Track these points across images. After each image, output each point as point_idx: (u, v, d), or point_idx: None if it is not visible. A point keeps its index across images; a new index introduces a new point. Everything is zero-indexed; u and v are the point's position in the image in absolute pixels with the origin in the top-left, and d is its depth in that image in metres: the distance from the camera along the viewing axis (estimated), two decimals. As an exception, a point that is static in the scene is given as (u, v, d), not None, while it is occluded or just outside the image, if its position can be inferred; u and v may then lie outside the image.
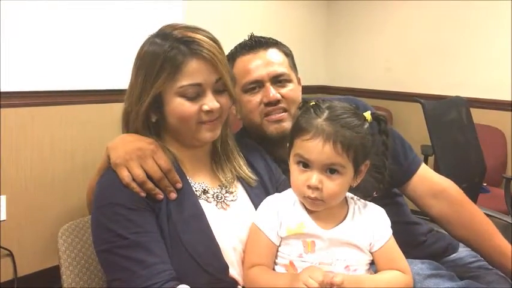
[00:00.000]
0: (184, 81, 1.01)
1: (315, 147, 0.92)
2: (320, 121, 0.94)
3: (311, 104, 1.00)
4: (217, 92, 1.05)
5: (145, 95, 1.02)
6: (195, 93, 1.02)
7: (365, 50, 3.91)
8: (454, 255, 1.41)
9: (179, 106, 1.02)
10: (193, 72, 1.01)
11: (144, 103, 1.02)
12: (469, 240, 1.29)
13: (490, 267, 1.34)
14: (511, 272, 1.24)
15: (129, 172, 0.98)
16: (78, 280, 1.09)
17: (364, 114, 0.99)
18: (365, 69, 3.93)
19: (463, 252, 1.41)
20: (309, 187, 0.94)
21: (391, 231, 1.02)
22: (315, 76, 4.06)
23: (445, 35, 3.41)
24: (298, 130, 0.97)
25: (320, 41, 4.09)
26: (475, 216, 1.30)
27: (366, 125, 0.98)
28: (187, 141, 1.08)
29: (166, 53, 1.00)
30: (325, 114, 0.95)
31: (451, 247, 1.41)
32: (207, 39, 1.03)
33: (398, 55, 3.71)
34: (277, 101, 1.28)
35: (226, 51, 1.25)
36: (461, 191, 1.34)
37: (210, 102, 1.02)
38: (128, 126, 1.07)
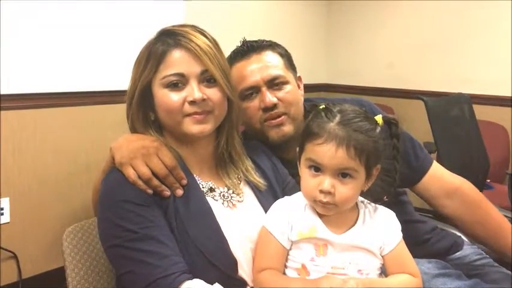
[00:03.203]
0: (166, 71, 1.02)
1: (327, 151, 0.92)
2: (332, 125, 0.93)
3: (321, 107, 0.99)
4: (206, 85, 1.04)
5: (136, 88, 1.05)
6: (179, 84, 1.02)
7: (367, 48, 3.90)
8: (458, 253, 1.41)
9: (164, 97, 1.03)
10: (176, 62, 1.02)
11: (135, 96, 1.05)
12: (484, 238, 1.28)
13: (495, 264, 1.34)
14: None
15: (135, 170, 0.98)
16: (84, 282, 1.09)
17: (376, 118, 0.99)
18: (367, 67, 3.91)
19: (467, 249, 1.40)
20: (321, 191, 0.93)
21: (401, 234, 1.02)
22: (317, 74, 4.05)
23: (447, 32, 3.40)
24: (309, 134, 0.96)
25: (322, 39, 4.08)
26: (490, 214, 1.29)
27: (378, 129, 0.97)
28: (182, 138, 1.07)
29: (152, 46, 1.04)
30: (337, 118, 0.94)
31: (455, 245, 1.41)
32: (194, 32, 1.04)
33: (400, 52, 3.69)
34: (274, 105, 1.25)
35: (227, 51, 1.26)
36: (475, 189, 1.33)
37: (194, 92, 1.02)
38: (134, 127, 1.08)
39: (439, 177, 1.34)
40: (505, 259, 1.28)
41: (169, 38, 1.04)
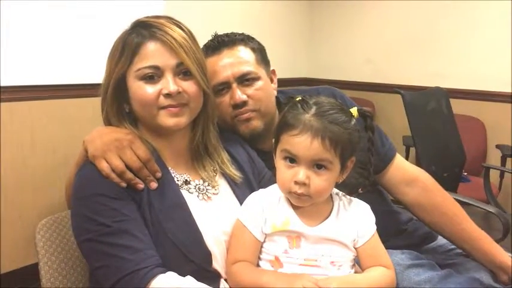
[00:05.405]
0: (141, 64, 1.01)
1: (302, 142, 0.92)
2: (308, 117, 0.93)
3: (298, 99, 0.99)
4: (181, 78, 1.04)
5: (110, 80, 1.03)
6: (154, 76, 1.01)
7: (347, 43, 3.92)
8: (433, 243, 1.44)
9: (138, 90, 1.02)
10: (151, 54, 1.01)
11: (109, 88, 1.03)
12: (440, 225, 1.32)
13: (469, 254, 1.37)
14: (475, 256, 1.28)
15: (108, 163, 0.97)
16: (57, 275, 1.08)
17: (351, 110, 0.99)
18: (347, 62, 3.94)
19: (442, 240, 1.43)
20: (296, 183, 0.93)
21: (375, 227, 1.03)
22: (298, 69, 4.06)
23: (424, 28, 3.43)
24: (285, 125, 0.96)
25: (302, 34, 4.09)
26: (446, 202, 1.33)
27: (353, 121, 0.98)
28: (157, 130, 1.06)
29: (127, 37, 1.03)
30: (313, 109, 0.94)
31: (430, 235, 1.44)
32: (170, 24, 1.03)
33: (379, 47, 3.72)
34: (244, 102, 1.24)
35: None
36: (432, 179, 1.37)
37: (168, 85, 1.01)
38: (108, 119, 1.07)
39: (401, 167, 1.38)
40: (461, 246, 1.32)
41: (144, 30, 1.02)
